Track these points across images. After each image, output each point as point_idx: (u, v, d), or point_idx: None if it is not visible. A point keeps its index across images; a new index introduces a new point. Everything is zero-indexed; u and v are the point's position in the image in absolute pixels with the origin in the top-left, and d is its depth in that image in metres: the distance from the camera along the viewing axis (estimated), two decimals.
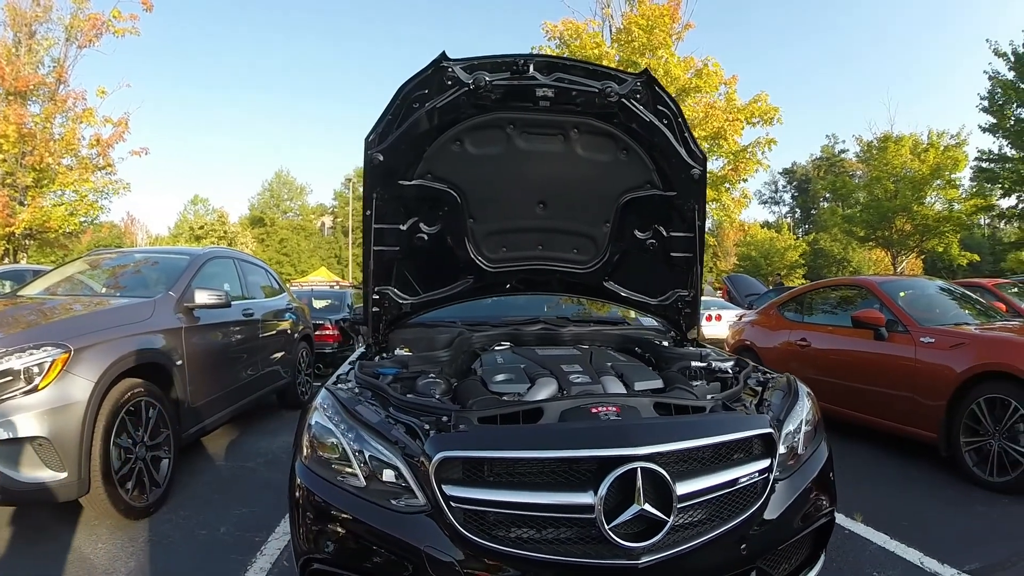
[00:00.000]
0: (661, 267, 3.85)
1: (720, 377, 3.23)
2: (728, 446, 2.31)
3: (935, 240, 27.49)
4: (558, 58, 3.34)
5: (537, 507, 2.08)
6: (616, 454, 2.06)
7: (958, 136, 27.00)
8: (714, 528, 2.17)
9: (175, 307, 4.76)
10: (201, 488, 4.61)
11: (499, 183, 3.44)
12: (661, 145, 3.33)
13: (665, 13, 18.88)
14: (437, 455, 2.09)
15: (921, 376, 5.17)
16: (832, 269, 44.90)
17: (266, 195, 62.20)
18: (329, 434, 2.38)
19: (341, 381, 2.79)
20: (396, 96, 3.01)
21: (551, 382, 2.82)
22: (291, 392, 7.47)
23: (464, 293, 3.83)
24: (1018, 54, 20.44)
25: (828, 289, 7.54)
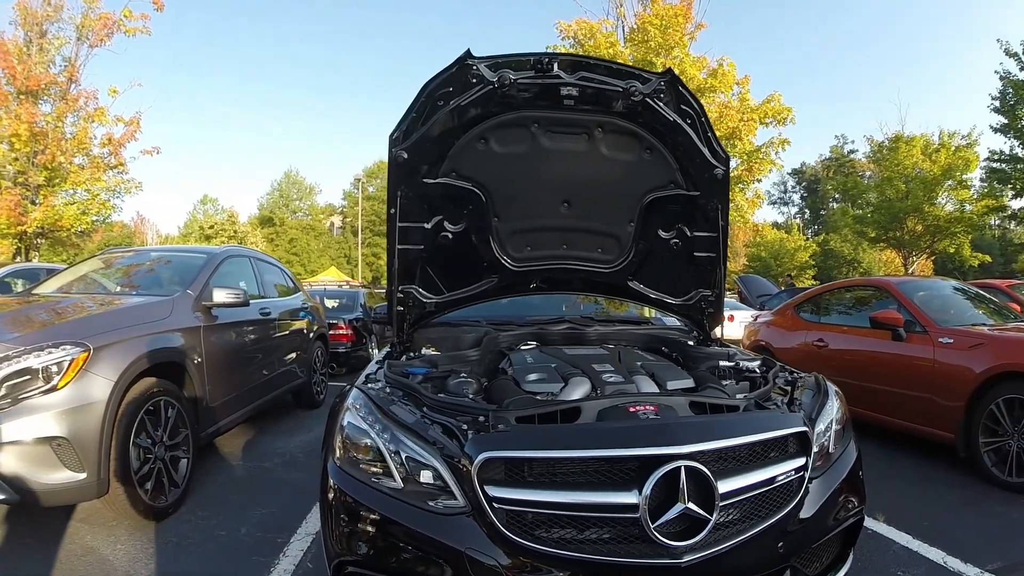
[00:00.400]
0: (684, 267, 3.84)
1: (748, 376, 3.22)
2: (765, 444, 2.32)
3: (947, 241, 27.24)
4: (582, 57, 3.28)
5: (580, 507, 2.08)
6: (660, 452, 2.06)
7: (969, 136, 26.86)
8: (752, 526, 2.19)
9: (193, 306, 4.71)
10: (219, 488, 4.57)
11: (524, 182, 3.42)
12: (685, 144, 3.33)
13: (679, 13, 18.80)
14: (480, 456, 2.07)
15: (939, 377, 5.18)
16: (843, 270, 44.76)
17: (275, 195, 62.22)
18: (363, 435, 2.36)
19: (370, 381, 2.76)
20: (420, 93, 2.99)
21: (584, 381, 2.81)
22: (306, 392, 7.43)
23: (488, 292, 3.79)
24: None
25: (845, 290, 7.51)
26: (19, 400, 3.24)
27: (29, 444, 3.22)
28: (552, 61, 2.99)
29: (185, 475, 4.21)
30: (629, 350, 3.63)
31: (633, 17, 20.31)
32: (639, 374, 2.98)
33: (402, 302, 3.55)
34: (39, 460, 3.25)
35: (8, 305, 4.35)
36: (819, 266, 46.07)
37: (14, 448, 3.18)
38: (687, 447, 2.08)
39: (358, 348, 11.40)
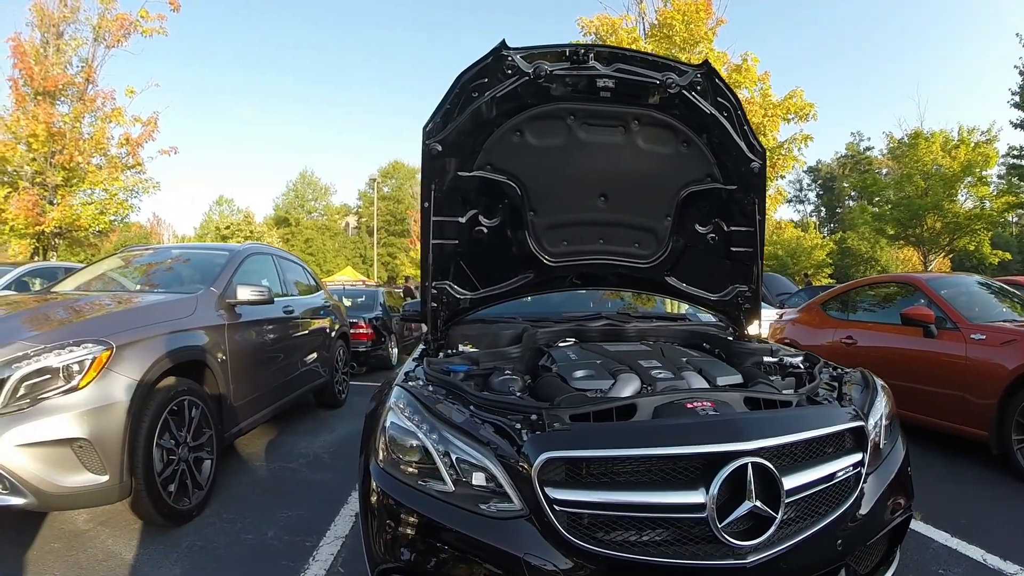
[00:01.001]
0: (721, 262, 3.80)
1: (793, 372, 3.15)
2: (824, 440, 2.27)
3: (967, 238, 27.10)
4: (618, 48, 3.24)
5: (644, 507, 1.99)
6: (727, 449, 1.99)
7: (988, 132, 26.74)
8: (813, 524, 2.13)
9: (217, 303, 4.61)
10: (243, 490, 4.45)
11: (560, 175, 3.36)
12: (721, 138, 3.31)
13: (701, 8, 18.61)
14: (541, 456, 1.99)
15: (972, 374, 5.13)
16: (860, 268, 44.27)
17: (291, 195, 62.55)
18: (409, 435, 2.26)
19: (410, 379, 2.65)
20: (454, 85, 2.96)
21: (633, 378, 2.73)
22: (328, 391, 7.32)
23: (524, 288, 3.72)
24: None
25: (873, 287, 7.43)
26: (39, 400, 3.11)
27: (49, 445, 3.09)
28: (588, 52, 2.96)
29: (209, 477, 4.09)
30: (671, 346, 3.55)
31: (654, 13, 20.09)
32: (687, 370, 2.90)
33: (436, 298, 3.47)
34: (59, 462, 3.13)
35: (26, 303, 4.25)
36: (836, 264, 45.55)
37: (33, 450, 3.05)
38: (753, 443, 2.01)
39: (377, 347, 11.36)
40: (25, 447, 3.03)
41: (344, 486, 4.48)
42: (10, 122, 14.67)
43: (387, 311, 12.61)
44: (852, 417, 2.39)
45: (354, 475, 4.64)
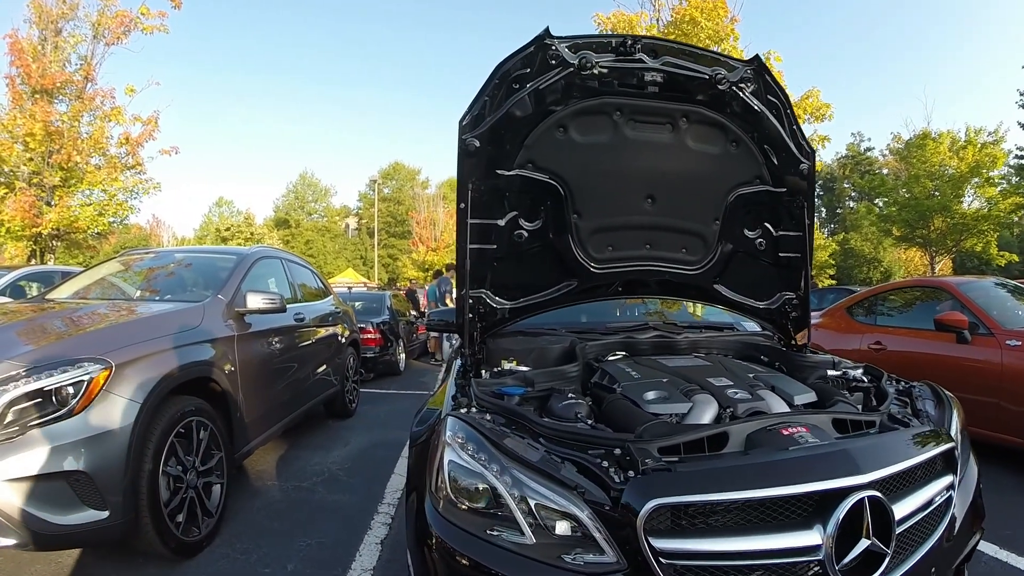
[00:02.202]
0: (769, 268, 3.65)
1: (860, 387, 3.00)
2: (925, 465, 2.14)
3: (974, 239, 26.86)
4: (666, 40, 3.02)
5: (756, 554, 1.78)
6: (845, 485, 1.82)
7: (996, 133, 26.95)
8: (914, 555, 2.00)
9: (226, 312, 4.27)
10: (256, 515, 4.11)
11: (605, 175, 3.15)
12: (772, 137, 3.19)
13: (719, 5, 18.27)
14: (649, 503, 1.75)
15: (1007, 380, 5.07)
16: (863, 269, 44.11)
17: (290, 197, 62.67)
18: (474, 477, 1.97)
19: (460, 405, 2.32)
20: (493, 75, 2.75)
21: (710, 399, 2.49)
22: (339, 401, 6.98)
23: (567, 297, 3.43)
24: None
25: (901, 291, 7.33)
26: (29, 428, 2.76)
27: (41, 480, 2.74)
28: (636, 44, 2.80)
29: (219, 503, 3.76)
30: (730, 360, 3.35)
31: (669, 11, 19.72)
32: (759, 388, 2.68)
33: (472, 308, 3.18)
34: (53, 498, 2.78)
35: (20, 313, 3.88)
36: (839, 266, 45.28)
37: (23, 485, 2.70)
38: (869, 476, 1.86)
39: (385, 353, 11.03)
40: (13, 482, 2.68)
41: (366, 508, 4.19)
42: (7, 121, 14.28)
43: (394, 315, 12.32)
44: (947, 438, 2.29)
45: (375, 497, 4.39)
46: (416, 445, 2.49)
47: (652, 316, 4.51)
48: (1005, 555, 3.49)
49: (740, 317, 4.15)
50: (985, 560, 3.41)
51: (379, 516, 4.07)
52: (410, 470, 2.48)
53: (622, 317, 4.41)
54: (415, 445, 2.51)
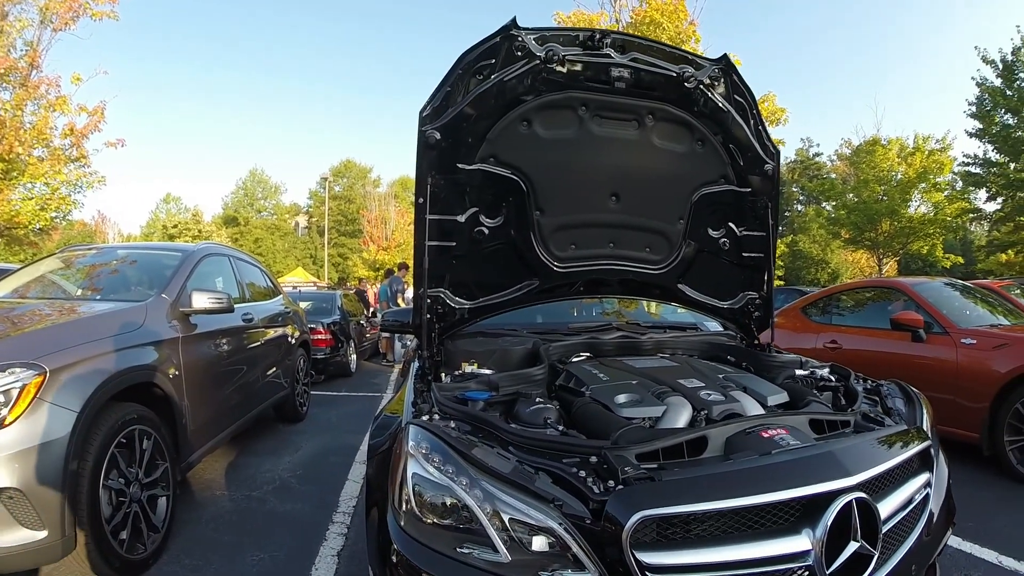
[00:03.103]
0: (732, 268, 3.65)
1: (828, 386, 3.01)
2: (904, 464, 2.16)
3: (920, 242, 28.00)
4: (634, 36, 3.00)
5: (745, 563, 1.73)
6: (834, 488, 1.81)
7: (943, 141, 27.84)
8: (897, 553, 2.00)
9: (170, 313, 4.05)
10: (204, 528, 3.91)
11: (569, 172, 3.07)
12: (737, 137, 3.17)
13: (679, 7, 18.45)
14: (634, 515, 1.66)
15: (963, 378, 5.30)
16: (811, 270, 44.99)
17: (240, 194, 61.61)
18: (442, 490, 1.84)
19: (421, 412, 2.21)
20: (456, 65, 2.66)
21: (684, 402, 2.43)
22: (290, 404, 6.78)
23: (528, 296, 3.35)
24: (1006, 62, 21.63)
25: (856, 291, 7.65)
26: None
27: None
28: (604, 38, 2.77)
29: (166, 516, 3.55)
30: (699, 361, 3.34)
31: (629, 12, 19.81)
32: (732, 389, 2.64)
33: (430, 308, 3.08)
34: None
35: None
36: (787, 267, 46.21)
37: None
38: (856, 477, 1.85)
39: (336, 354, 10.83)
40: None
41: (320, 518, 4.05)
42: None
43: (345, 315, 12.12)
44: (924, 436, 2.35)
45: (329, 505, 4.25)
46: (376, 455, 2.37)
47: (609, 315, 4.48)
48: (968, 547, 3.62)
49: (702, 317, 4.13)
50: (950, 552, 3.49)
51: (334, 526, 3.93)
52: (370, 482, 2.36)
53: (579, 317, 4.37)
54: (375, 455, 2.39)
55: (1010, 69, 21.62)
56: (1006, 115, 22.25)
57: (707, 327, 4.20)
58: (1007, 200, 23.78)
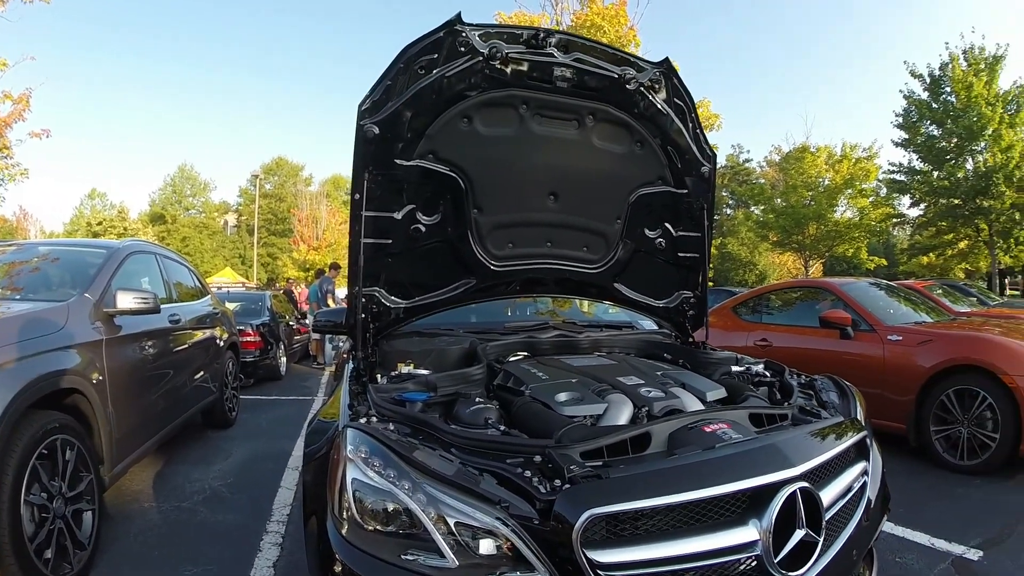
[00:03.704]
0: (668, 267, 3.73)
1: (763, 381, 3.07)
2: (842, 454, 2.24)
3: (846, 245, 29.19)
4: (578, 37, 3.02)
5: (695, 556, 1.74)
6: (779, 478, 1.85)
7: (870, 149, 29.10)
8: (839, 539, 2.07)
9: (93, 313, 3.83)
10: (134, 543, 3.71)
11: (508, 170, 3.09)
12: (676, 139, 3.25)
13: (620, 12, 18.67)
14: (584, 514, 1.65)
15: (890, 372, 5.59)
16: (739, 272, 46.11)
17: (168, 190, 60.02)
18: (384, 496, 1.79)
19: (358, 414, 2.15)
20: (398, 58, 2.62)
21: (625, 400, 2.43)
22: (218, 409, 6.54)
23: (465, 295, 3.35)
24: (934, 76, 23.18)
25: (785, 291, 7.98)
26: None
27: None
28: (547, 37, 2.78)
29: (92, 532, 3.33)
30: (636, 359, 3.36)
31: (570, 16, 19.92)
32: (671, 386, 2.66)
33: (365, 307, 3.04)
34: None
35: None
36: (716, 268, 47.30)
37: None
38: (800, 468, 1.90)
39: (265, 356, 10.52)
40: None
41: (254, 528, 3.90)
42: None
43: (275, 316, 11.83)
44: (860, 427, 2.46)
45: (263, 514, 4.12)
46: (312, 461, 2.30)
47: (544, 315, 4.49)
48: (901, 530, 3.80)
49: (637, 315, 4.17)
50: (883, 536, 3.50)
51: (269, 536, 3.79)
52: (307, 491, 2.28)
53: (513, 316, 4.36)
54: (311, 461, 2.33)
55: (937, 83, 23.12)
56: (931, 126, 23.82)
57: (642, 326, 4.25)
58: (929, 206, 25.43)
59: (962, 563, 3.43)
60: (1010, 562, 3.45)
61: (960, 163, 23.32)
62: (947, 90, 22.98)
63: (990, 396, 4.92)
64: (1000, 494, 4.58)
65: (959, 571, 3.35)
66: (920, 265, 30.48)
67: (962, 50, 22.56)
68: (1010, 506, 4.33)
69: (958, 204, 23.56)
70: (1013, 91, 21.87)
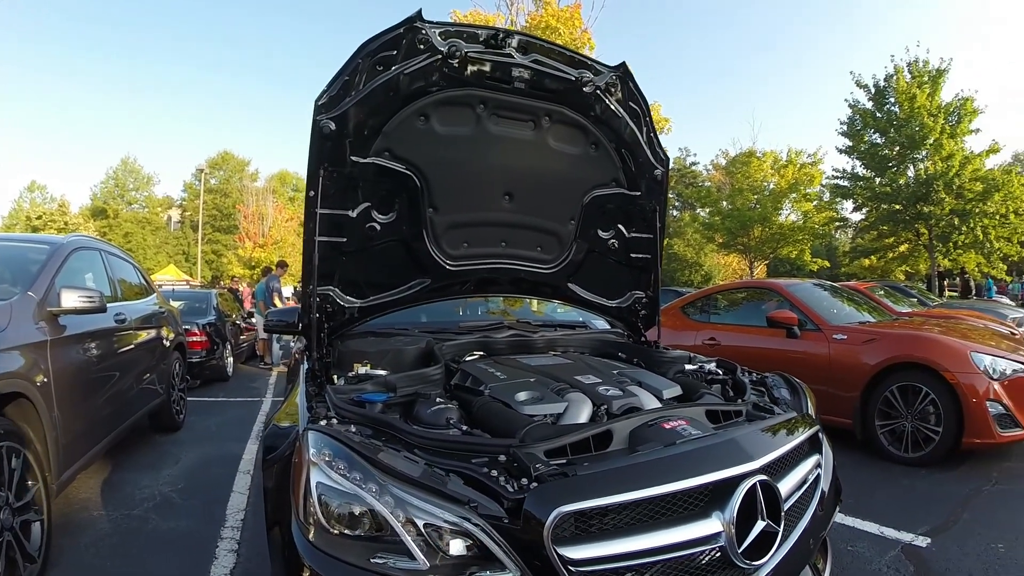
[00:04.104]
0: (620, 268, 3.83)
1: (716, 379, 3.16)
2: (797, 447, 2.31)
3: (790, 247, 29.99)
4: (538, 39, 3.04)
5: (661, 550, 1.78)
6: (740, 472, 1.92)
7: (814, 155, 30.11)
8: (796, 529, 2.15)
9: (37, 313, 3.65)
10: (85, 554, 3.53)
11: (464, 169, 3.13)
12: (630, 143, 3.33)
13: (575, 15, 18.74)
14: (554, 511, 1.67)
15: (835, 369, 5.82)
16: (685, 272, 46.76)
17: (110, 184, 57.54)
18: (350, 499, 1.77)
19: (318, 416, 2.12)
20: (357, 54, 2.63)
21: (583, 398, 2.49)
22: (166, 412, 6.34)
23: (420, 295, 3.40)
24: (878, 87, 24.22)
25: (733, 291, 8.25)
26: None
27: None
28: (507, 38, 2.82)
29: (42, 544, 3.16)
30: (591, 358, 3.45)
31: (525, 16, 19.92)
32: (628, 384, 2.72)
33: (319, 307, 3.02)
34: None
35: None
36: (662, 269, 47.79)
37: None
38: (759, 461, 1.98)
39: (212, 357, 10.26)
40: None
41: (208, 535, 3.79)
42: None
43: (221, 315, 11.58)
44: (810, 421, 2.53)
45: (216, 520, 4.02)
46: (272, 468, 2.26)
47: (495, 314, 4.53)
48: (852, 520, 3.95)
49: (589, 315, 4.23)
50: (837, 528, 3.63)
51: (224, 542, 3.69)
52: (268, 498, 2.23)
53: (464, 316, 4.38)
54: (270, 467, 2.28)
55: (881, 94, 24.12)
56: (875, 135, 24.82)
57: (595, 325, 4.30)
58: (871, 211, 26.28)
59: (911, 550, 3.57)
60: (957, 548, 3.58)
61: (902, 170, 24.30)
62: (891, 100, 23.98)
63: (933, 392, 5.14)
64: (944, 484, 4.77)
65: (909, 558, 3.48)
66: (862, 267, 31.32)
67: (907, 63, 23.52)
68: (954, 495, 4.49)
69: (899, 209, 24.44)
70: (955, 103, 22.89)
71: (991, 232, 23.01)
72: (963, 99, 22.80)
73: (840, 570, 3.25)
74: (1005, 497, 4.52)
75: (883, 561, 3.44)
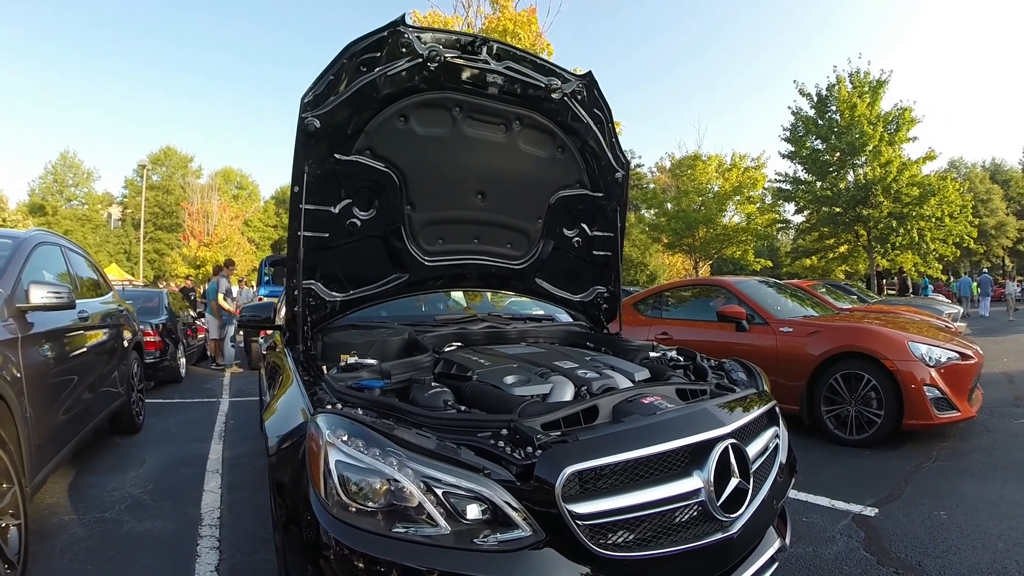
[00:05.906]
0: (584, 265, 4.08)
1: (678, 364, 3.35)
2: (759, 418, 2.57)
3: (734, 248, 30.99)
4: (510, 46, 3.20)
5: (652, 504, 2.01)
6: (713, 435, 2.17)
7: (758, 160, 31.38)
8: (762, 489, 2.38)
9: (5, 309, 3.47)
10: (62, 559, 3.42)
11: (440, 169, 3.29)
12: (594, 146, 3.57)
13: (531, 19, 18.90)
14: (564, 471, 1.86)
15: (783, 360, 6.18)
16: (631, 272, 47.39)
17: (49, 179, 55.53)
18: (371, 474, 1.87)
19: (323, 402, 2.24)
20: (342, 55, 2.75)
21: (566, 380, 2.68)
22: (126, 414, 6.14)
23: (398, 289, 3.54)
24: (821, 96, 25.57)
25: (683, 288, 8.66)
26: None
27: None
28: (483, 45, 2.98)
29: (20, 548, 3.00)
30: (563, 347, 3.66)
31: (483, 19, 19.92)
32: (604, 368, 2.91)
33: (303, 300, 3.11)
34: None
35: None
36: None
37: None
38: (728, 427, 2.24)
39: (165, 357, 9.95)
40: None
41: (186, 534, 3.74)
42: None
43: (173, 315, 11.30)
44: (768, 397, 2.78)
45: (192, 520, 3.98)
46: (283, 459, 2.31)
47: (455, 308, 4.72)
48: (804, 495, 4.28)
49: (553, 308, 4.45)
50: (791, 502, 3.93)
51: (204, 540, 3.65)
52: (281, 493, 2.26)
53: (426, 312, 4.52)
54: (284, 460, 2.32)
55: (823, 102, 25.44)
56: (816, 141, 26.08)
57: (560, 319, 4.48)
58: (812, 213, 27.67)
59: (861, 519, 3.87)
60: (903, 516, 3.90)
61: (842, 175, 25.57)
62: (832, 109, 25.23)
63: (874, 379, 5.56)
64: (887, 461, 5.14)
65: (859, 526, 3.77)
66: (803, 267, 32.29)
67: (848, 73, 24.74)
68: (898, 471, 4.85)
69: (839, 212, 25.55)
70: (893, 112, 24.27)
71: (927, 234, 24.26)
72: (901, 109, 24.09)
73: (797, 538, 3.46)
74: (944, 472, 4.84)
75: (836, 529, 3.72)
